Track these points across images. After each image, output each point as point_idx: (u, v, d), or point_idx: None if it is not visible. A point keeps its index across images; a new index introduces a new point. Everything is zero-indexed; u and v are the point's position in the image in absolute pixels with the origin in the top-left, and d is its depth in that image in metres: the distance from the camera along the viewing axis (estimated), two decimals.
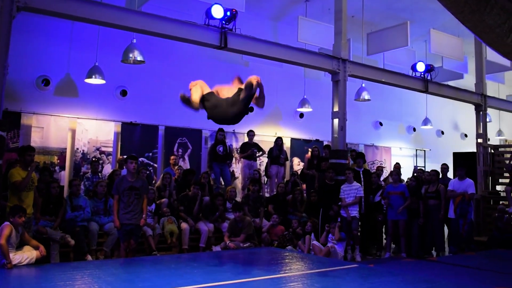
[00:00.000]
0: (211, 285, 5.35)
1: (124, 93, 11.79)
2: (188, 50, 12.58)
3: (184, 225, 9.42)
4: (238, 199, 10.97)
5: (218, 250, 9.03)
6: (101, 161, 11.21)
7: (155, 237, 8.92)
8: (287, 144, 14.24)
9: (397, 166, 12.81)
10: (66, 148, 10.98)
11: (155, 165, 12.07)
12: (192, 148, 12.70)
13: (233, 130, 13.39)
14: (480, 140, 14.17)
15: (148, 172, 11.50)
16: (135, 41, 10.40)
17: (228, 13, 8.95)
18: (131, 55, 10.28)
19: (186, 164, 12.25)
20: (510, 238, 10.19)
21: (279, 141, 12.33)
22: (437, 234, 10.16)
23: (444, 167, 11.32)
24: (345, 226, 9.70)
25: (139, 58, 10.31)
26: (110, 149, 11.61)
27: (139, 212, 7.69)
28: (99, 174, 10.56)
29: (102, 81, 10.82)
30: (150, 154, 12.06)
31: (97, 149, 11.44)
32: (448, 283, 5.84)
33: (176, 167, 11.24)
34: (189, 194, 9.94)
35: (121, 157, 11.08)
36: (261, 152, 12.48)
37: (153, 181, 11.23)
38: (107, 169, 11.28)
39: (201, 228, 9.54)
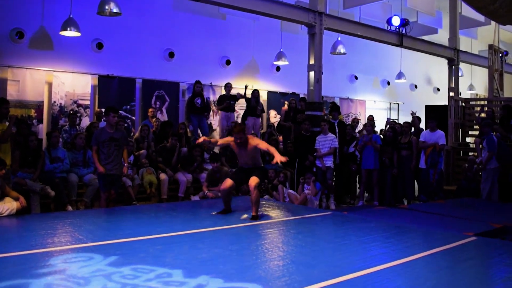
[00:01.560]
0: (190, 232, 5.44)
1: (100, 45, 11.55)
2: (165, 3, 12.35)
3: (163, 176, 9.48)
4: (217, 150, 11.01)
5: (197, 200, 9.13)
6: (78, 114, 11.06)
7: (134, 188, 8.96)
8: (263, 96, 14.23)
9: (370, 118, 12.95)
10: (43, 101, 10.78)
11: (133, 117, 11.97)
12: (170, 101, 12.60)
13: (211, 83, 13.32)
14: (452, 94, 14.39)
15: (126, 125, 11.44)
16: None
17: None
18: (107, 7, 10.00)
19: (164, 117, 12.18)
20: (477, 187, 10.49)
21: (256, 93, 12.32)
22: (409, 183, 10.41)
23: (406, 125, 11.19)
24: (320, 176, 9.87)
25: (115, 10, 10.04)
26: (88, 102, 11.45)
27: (119, 162, 7.68)
28: (77, 127, 10.47)
29: (78, 34, 10.56)
30: (128, 107, 11.94)
31: (75, 102, 11.27)
32: (418, 229, 6.03)
33: (154, 119, 11.20)
34: (167, 145, 9.96)
35: (98, 110, 10.98)
36: (242, 94, 12.40)
37: (131, 134, 11.19)
38: (85, 122, 11.16)
39: (179, 178, 9.61)
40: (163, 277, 3.61)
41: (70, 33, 10.47)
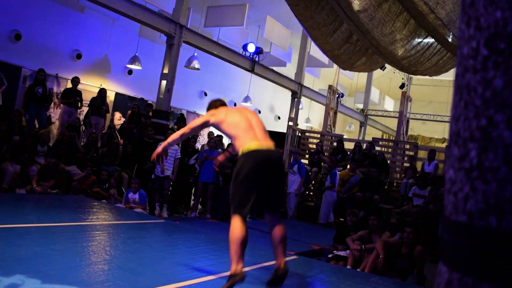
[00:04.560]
0: (10, 226, 4.94)
1: None
2: None
3: None
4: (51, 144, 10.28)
5: (23, 193, 8.39)
6: None
7: None
8: (111, 97, 13.70)
9: (210, 134, 13.13)
10: None
11: None
12: (8, 85, 11.52)
13: (56, 74, 12.47)
14: (291, 123, 15.18)
15: None
16: None
17: None
18: None
19: None
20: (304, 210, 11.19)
21: (102, 92, 11.80)
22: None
23: None
24: (158, 184, 9.69)
25: None
26: None
27: None
28: None
29: None
30: None
31: None
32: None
33: None
34: None
35: None
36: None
37: None
38: None
39: (6, 168, 8.76)
40: None
41: None
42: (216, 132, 13.93)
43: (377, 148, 13.33)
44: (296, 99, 16.09)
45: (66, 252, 4.21)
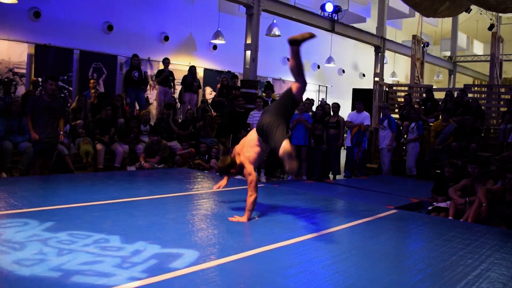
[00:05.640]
0: (126, 200, 5.31)
1: (37, 14, 10.94)
2: None
3: (99, 146, 9.19)
4: (152, 123, 10.80)
5: (133, 170, 8.94)
6: (14, 82, 10.51)
7: (70, 157, 8.65)
8: (200, 73, 14.07)
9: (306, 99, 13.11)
10: None
11: (70, 88, 11.51)
12: (107, 73, 12.20)
13: (148, 58, 13.00)
14: (377, 79, 14.78)
15: (63, 95, 10.98)
16: None
17: None
18: None
19: (100, 89, 11.78)
20: (398, 164, 10.96)
21: (192, 69, 12.14)
22: (335, 159, 10.65)
23: (335, 105, 11.34)
24: None
25: None
26: (24, 71, 10.89)
27: (54, 131, 7.38)
28: (12, 94, 9.93)
29: (14, 1, 9.96)
30: (65, 77, 11.46)
31: (10, 70, 10.69)
32: (343, 201, 6.20)
33: (93, 90, 10.80)
34: (103, 117, 9.64)
35: (35, 78, 10.45)
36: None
37: (68, 104, 10.75)
38: (21, 90, 10.62)
39: (116, 148, 9.36)
40: (100, 243, 3.50)
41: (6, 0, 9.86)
42: (304, 96, 13.93)
43: (470, 95, 12.66)
44: (379, 54, 15.62)
45: (178, 220, 4.47)
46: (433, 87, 14.39)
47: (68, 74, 11.51)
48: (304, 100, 11.60)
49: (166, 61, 11.84)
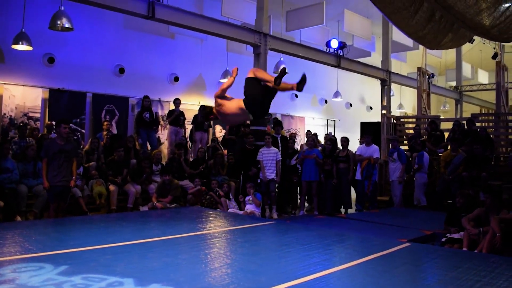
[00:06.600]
0: (140, 241, 5.29)
1: (51, 60, 11.18)
2: (116, 19, 12.10)
3: (112, 187, 9.22)
4: (164, 163, 10.84)
5: (146, 210, 8.93)
6: (28, 126, 10.64)
7: (84, 199, 8.68)
8: None
9: (313, 134, 13.12)
10: None
11: (83, 131, 11.64)
12: (119, 115, 12.35)
13: (159, 99, 13.15)
14: (384, 112, 14.80)
15: (75, 138, 11.10)
16: (63, 8, 9.83)
17: None
18: (59, 22, 9.70)
19: (113, 130, 11.89)
20: (409, 196, 10.87)
21: (202, 108, 12.21)
22: (346, 193, 10.58)
23: (343, 139, 11.24)
24: (264, 187, 9.89)
25: (67, 25, 9.75)
26: (38, 115, 11.05)
27: (69, 174, 7.43)
28: (27, 138, 10.05)
29: (29, 48, 10.19)
30: (78, 120, 11.61)
31: (25, 114, 10.85)
32: (356, 236, 6.13)
33: (106, 132, 10.91)
34: (115, 158, 9.71)
35: (49, 122, 10.60)
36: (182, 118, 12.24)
37: (81, 146, 10.85)
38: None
39: (128, 189, 9.38)
40: (114, 286, 3.48)
41: (22, 47, 10.10)
42: (313, 131, 13.96)
43: (477, 124, 12.61)
44: (386, 87, 15.67)
45: (192, 260, 4.44)
46: (440, 117, 14.37)
47: (81, 117, 11.65)
48: (306, 132, 11.65)
49: (177, 101, 11.97)
